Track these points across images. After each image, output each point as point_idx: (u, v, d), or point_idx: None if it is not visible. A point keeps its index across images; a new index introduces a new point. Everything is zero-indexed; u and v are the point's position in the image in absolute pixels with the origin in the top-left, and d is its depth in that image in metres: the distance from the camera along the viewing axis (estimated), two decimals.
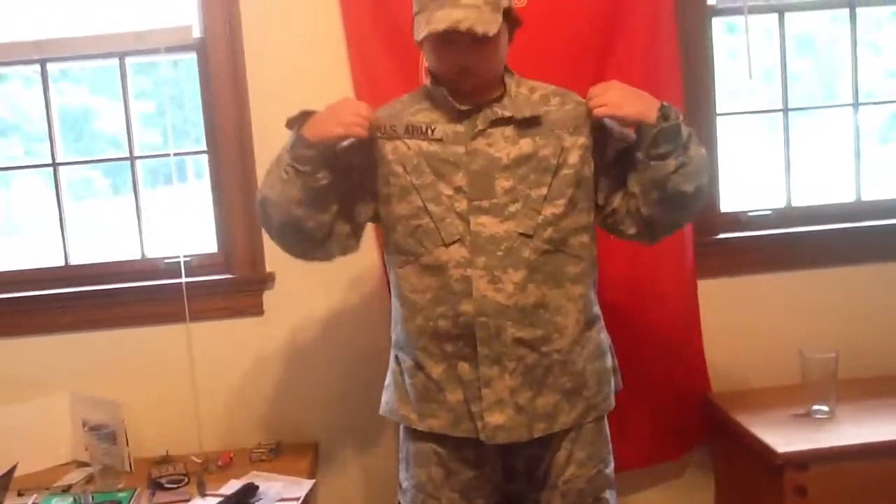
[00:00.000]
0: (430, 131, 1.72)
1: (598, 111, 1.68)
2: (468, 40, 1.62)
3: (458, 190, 1.69)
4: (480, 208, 1.68)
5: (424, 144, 1.71)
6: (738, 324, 2.51)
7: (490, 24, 1.60)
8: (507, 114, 1.70)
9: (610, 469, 1.86)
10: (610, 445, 1.87)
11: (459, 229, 1.68)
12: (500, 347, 1.69)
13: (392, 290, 1.84)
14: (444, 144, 1.71)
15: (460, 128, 1.71)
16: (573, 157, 1.72)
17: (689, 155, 1.67)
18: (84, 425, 2.36)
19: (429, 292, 1.72)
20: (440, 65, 1.69)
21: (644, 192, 1.71)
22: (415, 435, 1.81)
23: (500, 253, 1.67)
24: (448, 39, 1.62)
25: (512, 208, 1.68)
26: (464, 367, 1.72)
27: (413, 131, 1.73)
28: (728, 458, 2.44)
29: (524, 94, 1.75)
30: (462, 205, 1.68)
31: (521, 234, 1.67)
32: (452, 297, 1.69)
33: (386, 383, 1.90)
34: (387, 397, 1.88)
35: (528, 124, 1.71)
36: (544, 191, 1.69)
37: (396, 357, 1.85)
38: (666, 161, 1.66)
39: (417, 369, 1.78)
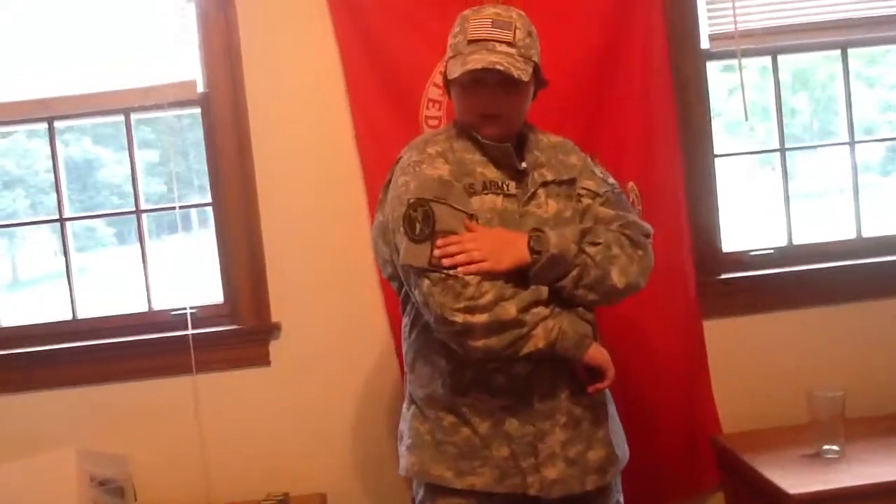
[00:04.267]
0: (505, 186, 1.73)
1: (480, 266, 1.60)
2: (498, 86, 1.67)
3: None
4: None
5: (499, 200, 1.72)
6: (745, 364, 2.51)
7: (522, 71, 1.66)
8: (551, 177, 1.75)
9: None
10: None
11: None
12: (554, 402, 1.71)
13: (422, 348, 1.76)
14: (513, 201, 1.72)
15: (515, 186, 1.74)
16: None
17: (587, 265, 1.66)
18: (91, 480, 2.35)
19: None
20: (467, 108, 1.72)
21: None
22: (448, 492, 1.75)
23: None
24: (479, 83, 1.67)
25: None
26: (512, 423, 1.71)
27: (490, 186, 1.72)
28: (739, 499, 2.42)
29: (551, 154, 1.79)
30: None
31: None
32: None
33: (408, 444, 1.79)
34: (413, 458, 1.77)
35: (563, 185, 1.77)
36: None
37: (425, 415, 1.77)
38: (561, 283, 1.66)
39: (461, 425, 1.73)
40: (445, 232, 1.61)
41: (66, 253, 2.52)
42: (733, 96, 2.59)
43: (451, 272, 1.59)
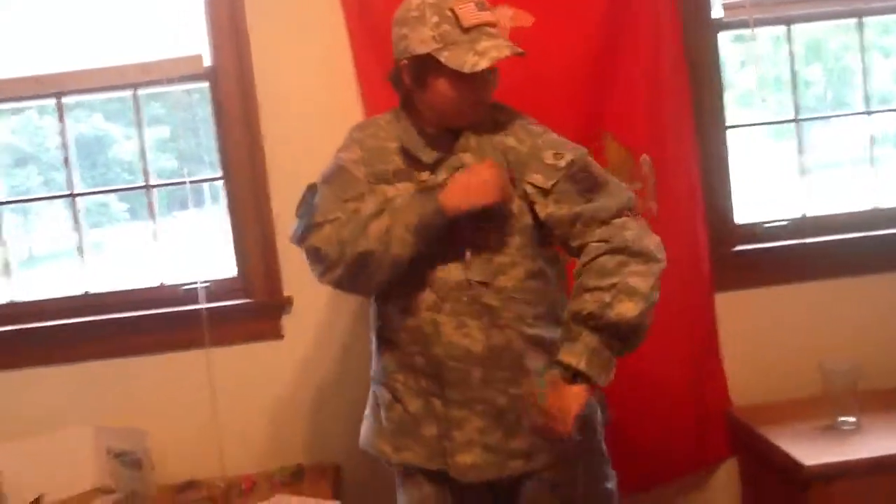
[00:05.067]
0: (417, 174, 1.72)
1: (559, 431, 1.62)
2: (490, 72, 1.65)
3: None
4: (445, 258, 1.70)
5: (412, 188, 1.71)
6: (757, 336, 2.50)
7: (519, 47, 1.65)
8: (470, 162, 1.70)
9: (611, 485, 1.87)
10: (608, 463, 1.88)
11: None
12: (468, 391, 1.71)
13: (371, 324, 1.86)
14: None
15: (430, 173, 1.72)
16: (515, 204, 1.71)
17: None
18: (108, 453, 2.37)
19: (403, 332, 1.75)
20: (459, 96, 1.67)
21: None
22: (413, 470, 1.82)
23: (465, 298, 1.69)
24: (479, 72, 1.62)
25: (468, 257, 1.70)
26: (437, 403, 1.74)
27: (402, 174, 1.73)
28: (753, 472, 2.43)
29: (486, 137, 1.72)
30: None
31: (479, 282, 1.69)
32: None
33: (365, 415, 1.92)
34: (364, 430, 1.91)
35: None
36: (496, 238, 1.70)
37: (372, 390, 1.88)
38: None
39: (395, 402, 1.79)
40: (320, 213, 1.70)
41: (78, 228, 2.52)
42: (745, 68, 2.56)
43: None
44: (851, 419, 2.22)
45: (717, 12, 2.45)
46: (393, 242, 1.63)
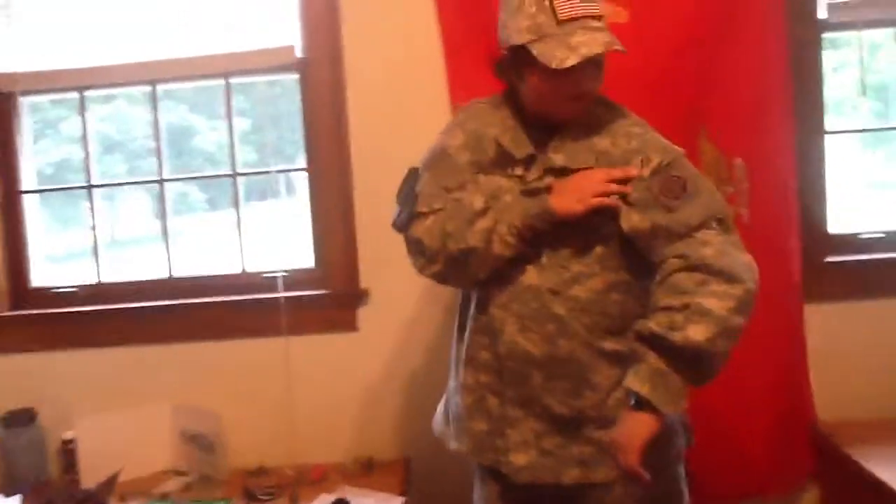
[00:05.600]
0: (510, 168, 1.68)
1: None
2: (592, 65, 1.57)
3: None
4: (523, 258, 1.66)
5: (504, 182, 1.68)
6: (848, 351, 2.39)
7: (619, 43, 1.57)
8: (560, 163, 1.64)
9: None
10: (682, 489, 1.78)
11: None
12: (527, 392, 1.67)
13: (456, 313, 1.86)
14: (516, 183, 1.67)
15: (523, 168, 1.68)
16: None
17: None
18: (184, 434, 2.42)
19: (474, 324, 1.73)
20: (556, 91, 1.61)
21: None
22: (486, 473, 1.82)
23: (534, 304, 1.64)
24: (577, 66, 1.54)
25: (543, 261, 1.65)
26: (493, 401, 1.71)
27: (498, 165, 1.69)
28: (838, 496, 2.32)
29: (581, 135, 1.66)
30: None
31: (549, 290, 1.64)
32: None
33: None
34: (437, 412, 1.94)
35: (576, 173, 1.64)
36: (577, 245, 1.64)
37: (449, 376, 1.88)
38: None
39: (455, 393, 1.80)
40: (423, 202, 1.69)
41: (163, 214, 2.58)
42: (837, 74, 2.46)
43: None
44: None
45: (822, 12, 2.35)
46: (495, 241, 1.62)
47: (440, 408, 1.92)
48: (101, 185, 2.63)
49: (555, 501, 1.75)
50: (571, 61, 1.52)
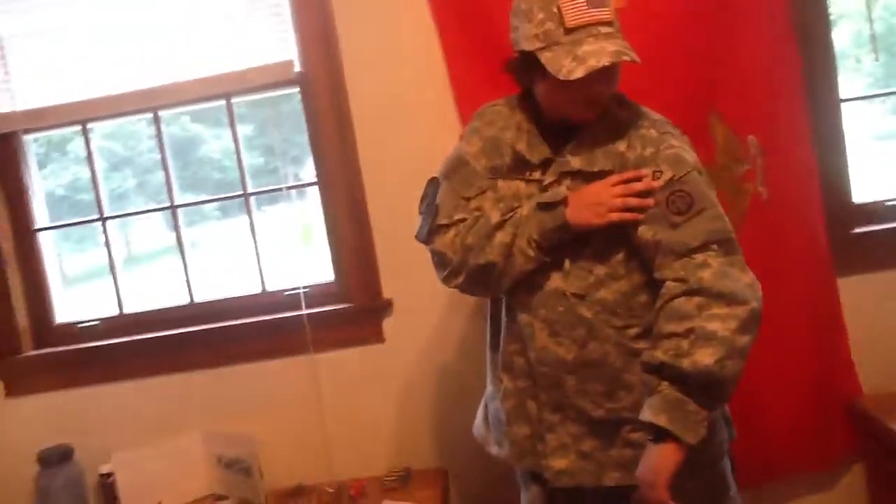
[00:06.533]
0: (529, 172, 1.67)
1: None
2: (606, 71, 1.51)
3: None
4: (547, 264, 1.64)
5: (522, 186, 1.67)
6: (883, 323, 2.35)
7: (633, 51, 1.52)
8: (577, 166, 1.61)
9: None
10: (728, 482, 1.76)
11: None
12: (561, 397, 1.66)
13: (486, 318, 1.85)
14: (534, 188, 1.66)
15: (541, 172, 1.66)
16: None
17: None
18: (219, 461, 2.41)
19: (507, 331, 1.73)
20: (570, 98, 1.58)
21: None
22: (530, 478, 1.82)
23: (560, 308, 1.63)
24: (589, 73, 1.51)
25: (566, 266, 1.63)
26: (532, 406, 1.71)
27: (516, 170, 1.68)
28: (883, 473, 2.28)
29: (598, 138, 1.62)
30: None
31: (574, 294, 1.62)
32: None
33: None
34: (477, 417, 1.92)
35: (593, 177, 1.62)
36: (599, 249, 1.62)
37: (487, 382, 1.87)
38: None
39: (493, 399, 1.80)
40: (444, 213, 1.68)
41: (178, 237, 2.56)
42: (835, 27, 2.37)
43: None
44: None
45: None
46: (516, 255, 1.61)
47: (479, 413, 1.91)
48: (114, 217, 2.61)
49: (598, 502, 1.73)
50: (578, 73, 1.49)
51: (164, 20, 2.41)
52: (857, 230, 2.34)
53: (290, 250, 2.78)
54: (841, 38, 2.36)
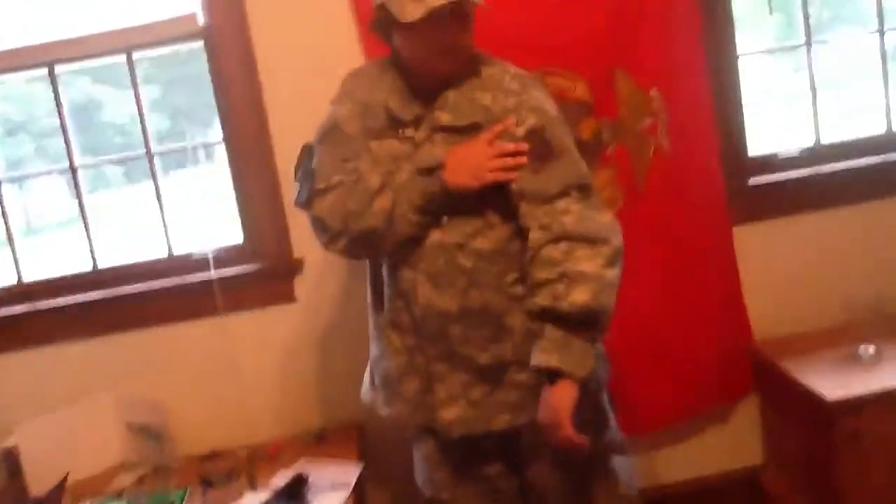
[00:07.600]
0: (401, 130, 1.70)
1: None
2: (452, 17, 1.56)
3: None
4: None
5: (396, 144, 1.70)
6: (776, 269, 2.47)
7: None
8: (446, 121, 1.66)
9: (610, 437, 1.85)
10: (608, 414, 1.86)
11: None
12: (448, 347, 1.71)
13: (367, 281, 1.89)
14: (408, 145, 1.69)
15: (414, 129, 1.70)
16: None
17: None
18: (129, 425, 2.37)
19: (389, 289, 1.77)
20: (424, 46, 1.62)
21: None
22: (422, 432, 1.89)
23: (441, 261, 1.68)
24: (434, 18, 1.54)
25: (444, 221, 1.68)
26: (420, 360, 1.76)
27: (390, 129, 1.71)
28: (776, 407, 2.42)
29: (466, 93, 1.67)
30: None
31: (454, 244, 1.67)
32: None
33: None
34: (364, 382, 1.97)
35: (462, 131, 1.67)
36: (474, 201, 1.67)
37: (370, 346, 1.92)
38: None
39: (381, 357, 1.84)
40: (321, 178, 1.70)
41: (80, 201, 2.46)
42: None
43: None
44: (871, 348, 2.20)
45: None
46: (398, 221, 1.65)
47: (366, 378, 1.95)
48: (9, 179, 2.49)
49: (491, 446, 1.82)
50: (419, 14, 1.53)
51: None
52: (752, 181, 2.44)
53: (197, 213, 2.72)
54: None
